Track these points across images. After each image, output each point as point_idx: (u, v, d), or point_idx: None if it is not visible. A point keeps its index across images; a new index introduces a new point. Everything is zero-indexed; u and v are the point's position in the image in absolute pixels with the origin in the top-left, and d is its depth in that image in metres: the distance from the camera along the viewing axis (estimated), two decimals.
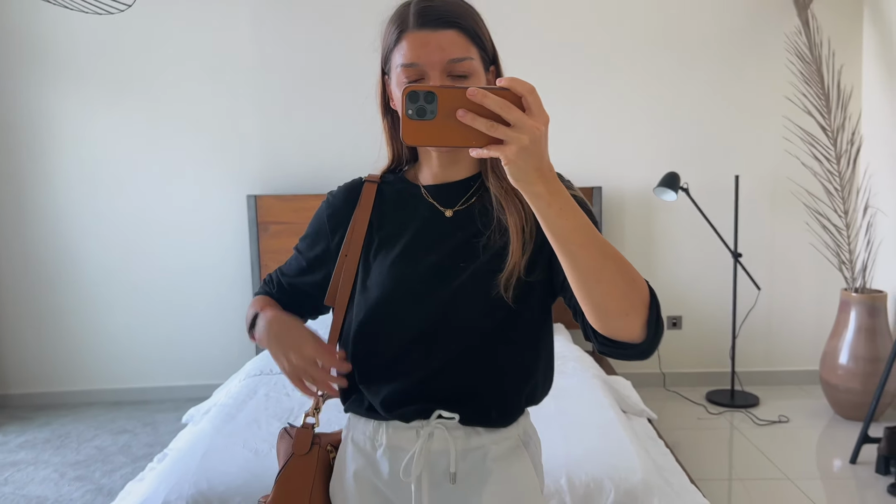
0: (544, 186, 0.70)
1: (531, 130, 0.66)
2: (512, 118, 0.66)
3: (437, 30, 0.90)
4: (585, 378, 2.55)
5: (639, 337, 0.80)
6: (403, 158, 1.09)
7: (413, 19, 0.91)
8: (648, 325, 0.79)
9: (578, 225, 0.73)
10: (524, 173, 0.69)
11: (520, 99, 0.68)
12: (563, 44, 3.48)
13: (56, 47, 3.43)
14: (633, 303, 0.77)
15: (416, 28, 0.91)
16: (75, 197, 3.54)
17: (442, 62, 0.90)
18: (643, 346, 0.81)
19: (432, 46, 0.90)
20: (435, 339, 0.97)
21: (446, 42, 0.90)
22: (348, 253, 1.03)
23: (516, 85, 0.67)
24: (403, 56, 0.91)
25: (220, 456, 1.87)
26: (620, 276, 0.76)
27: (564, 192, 0.72)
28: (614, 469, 1.82)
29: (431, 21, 0.90)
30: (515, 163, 0.68)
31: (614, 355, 0.85)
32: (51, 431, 3.28)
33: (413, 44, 0.90)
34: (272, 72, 3.49)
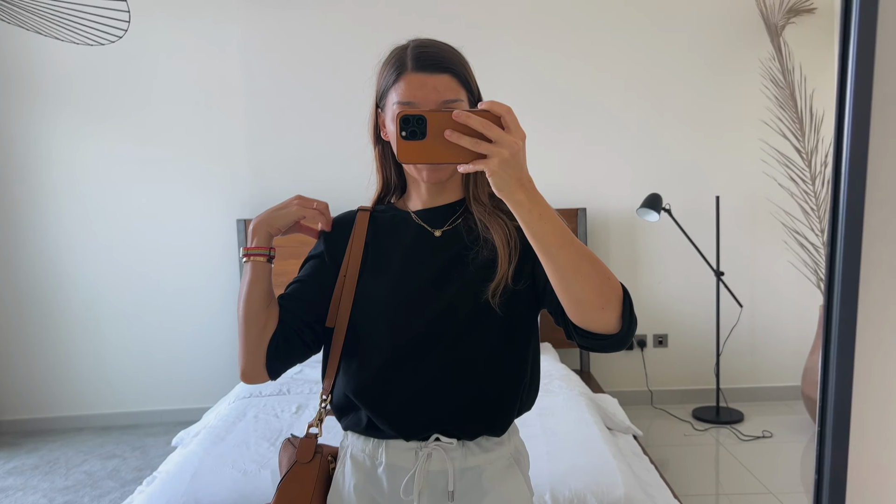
0: (525, 195, 0.80)
1: (510, 145, 0.77)
2: (493, 135, 0.77)
3: (433, 73, 1.00)
4: (571, 396, 2.59)
5: (615, 328, 0.90)
6: (392, 185, 1.17)
7: (411, 63, 1.01)
8: (623, 317, 0.89)
9: (556, 228, 0.83)
10: (506, 183, 0.79)
11: (499, 119, 0.78)
12: (549, 73, 3.57)
13: (48, 76, 3.49)
14: (609, 297, 0.87)
15: (414, 71, 1.00)
16: (65, 222, 3.58)
17: (436, 102, 0.99)
18: (619, 336, 0.91)
19: (428, 88, 1.00)
20: (430, 349, 1.04)
21: (441, 85, 1.00)
22: (346, 275, 1.10)
23: (495, 107, 0.78)
24: (401, 95, 1.00)
25: (209, 477, 1.90)
26: (596, 272, 0.86)
27: (543, 200, 0.82)
28: (597, 485, 1.85)
29: (428, 66, 1.00)
30: (498, 174, 0.78)
31: (594, 347, 0.93)
32: (39, 457, 3.27)
33: (411, 85, 1.00)
34: (261, 98, 3.56)
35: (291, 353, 1.08)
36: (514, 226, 1.05)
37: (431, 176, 1.05)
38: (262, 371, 1.07)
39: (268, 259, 1.07)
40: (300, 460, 1.10)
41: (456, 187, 1.12)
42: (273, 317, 1.06)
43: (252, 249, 1.06)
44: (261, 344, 1.05)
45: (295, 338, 1.08)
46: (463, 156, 0.78)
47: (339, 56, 3.49)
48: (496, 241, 1.04)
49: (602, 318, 0.88)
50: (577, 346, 0.95)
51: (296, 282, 1.14)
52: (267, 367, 1.06)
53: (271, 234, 1.06)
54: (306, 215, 1.06)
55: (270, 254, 1.07)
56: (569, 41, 3.57)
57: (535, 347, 1.12)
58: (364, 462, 1.08)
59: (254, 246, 1.06)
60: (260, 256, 1.06)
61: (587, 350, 0.96)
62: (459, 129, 0.77)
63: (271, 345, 1.06)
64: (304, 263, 1.17)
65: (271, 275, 1.08)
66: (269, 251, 1.07)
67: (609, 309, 0.88)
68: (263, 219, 1.06)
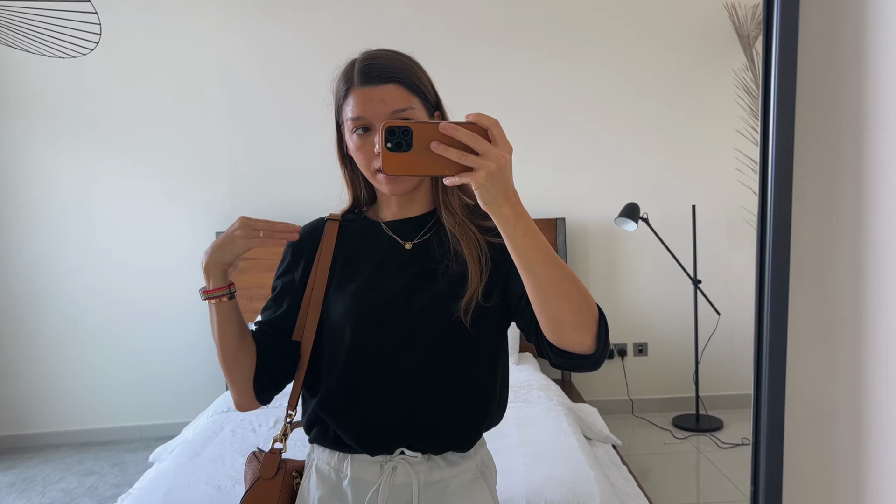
0: (511, 209, 0.79)
1: (497, 158, 0.76)
2: (480, 148, 0.75)
3: (378, 85, 0.99)
4: (550, 406, 2.60)
5: (590, 349, 0.89)
6: (362, 200, 1.16)
7: (357, 77, 1.00)
8: (598, 338, 0.89)
9: (540, 245, 0.82)
10: (493, 197, 0.78)
11: (486, 131, 0.77)
12: (526, 84, 3.60)
13: (22, 89, 3.47)
14: (586, 317, 0.87)
15: (360, 85, 1.00)
16: (42, 238, 3.55)
17: (385, 114, 0.98)
18: (594, 356, 0.90)
19: (375, 101, 0.98)
20: (398, 362, 1.04)
21: (388, 96, 0.99)
22: (314, 287, 1.09)
23: (482, 119, 0.77)
24: (352, 110, 1.00)
25: (182, 493, 1.88)
26: (576, 292, 0.86)
27: (528, 216, 0.81)
28: (573, 495, 1.86)
29: (373, 78, 0.99)
30: (485, 187, 0.77)
31: (568, 366, 0.93)
32: (16, 475, 3.23)
33: (358, 99, 0.99)
34: (239, 110, 3.56)
35: (276, 384, 1.10)
36: (485, 240, 1.05)
37: (394, 188, 1.03)
38: (253, 402, 1.09)
39: (229, 297, 1.03)
40: (263, 476, 1.09)
41: (426, 198, 1.11)
42: (250, 350, 1.07)
43: (212, 292, 1.02)
44: (247, 378, 1.07)
45: (276, 370, 1.09)
46: (449, 168, 0.77)
47: (317, 68, 3.50)
48: (467, 257, 1.03)
49: (578, 337, 0.87)
50: (550, 363, 0.94)
51: (268, 308, 1.14)
52: (257, 399, 1.09)
53: (224, 270, 1.02)
54: (253, 246, 0.99)
55: (230, 291, 1.03)
56: (546, 53, 3.60)
57: (504, 363, 1.11)
58: (329, 475, 1.08)
59: (211, 288, 1.02)
60: (221, 297, 1.03)
61: (560, 368, 0.95)
62: (446, 141, 0.76)
63: (256, 382, 1.07)
64: (276, 280, 1.16)
65: (238, 310, 1.06)
66: (227, 289, 1.03)
67: (585, 329, 0.87)
68: (212, 257, 1.01)
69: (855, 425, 0.73)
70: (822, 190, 0.75)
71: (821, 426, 0.76)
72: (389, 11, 3.53)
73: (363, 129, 1.00)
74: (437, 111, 1.07)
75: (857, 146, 0.73)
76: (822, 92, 0.74)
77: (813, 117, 0.74)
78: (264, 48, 3.54)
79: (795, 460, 0.75)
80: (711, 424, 3.45)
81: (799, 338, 0.75)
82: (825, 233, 0.75)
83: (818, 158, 0.75)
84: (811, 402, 0.76)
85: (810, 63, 0.74)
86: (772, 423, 0.67)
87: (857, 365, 0.73)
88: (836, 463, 0.76)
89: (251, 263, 3.49)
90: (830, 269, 0.75)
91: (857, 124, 0.73)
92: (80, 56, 2.79)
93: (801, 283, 0.74)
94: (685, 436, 3.37)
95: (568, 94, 3.62)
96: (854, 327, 0.73)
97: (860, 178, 0.72)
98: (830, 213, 0.75)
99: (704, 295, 3.52)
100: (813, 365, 0.75)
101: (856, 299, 0.73)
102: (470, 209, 1.09)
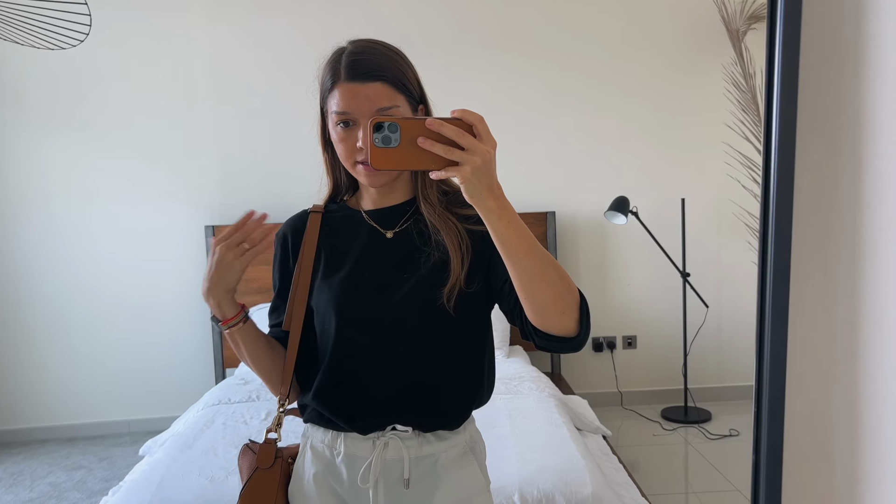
0: (495, 202, 0.81)
1: (483, 153, 0.78)
2: (465, 143, 0.78)
3: (365, 82, 0.99)
4: (541, 398, 2.61)
5: (573, 332, 0.93)
6: (342, 187, 1.18)
7: (344, 71, 1.00)
8: (580, 322, 0.93)
9: (523, 236, 0.85)
10: (478, 190, 0.80)
11: (471, 127, 0.79)
12: (515, 78, 3.60)
13: (9, 83, 3.42)
14: (569, 303, 0.90)
15: (347, 80, 1.00)
16: (30, 231, 3.51)
17: (370, 111, 0.99)
18: (577, 339, 0.94)
19: (361, 98, 0.99)
20: (385, 349, 1.06)
21: (374, 94, 0.99)
22: (300, 277, 1.11)
23: (468, 115, 0.79)
24: (337, 104, 1.01)
25: (175, 484, 1.88)
26: (559, 279, 0.89)
27: (511, 207, 0.83)
28: (565, 484, 1.87)
29: (360, 75, 1.00)
30: (470, 181, 0.79)
31: (552, 349, 0.96)
32: (3, 470, 3.20)
33: (344, 94, 1.00)
34: (228, 103, 3.54)
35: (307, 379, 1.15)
36: (465, 228, 1.07)
37: (372, 181, 1.05)
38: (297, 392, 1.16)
39: (245, 321, 1.06)
40: (261, 466, 1.11)
41: (406, 187, 1.13)
42: (279, 353, 1.13)
43: (230, 321, 1.05)
44: (286, 377, 1.12)
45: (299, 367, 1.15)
46: (435, 163, 0.79)
47: (306, 60, 3.47)
48: (448, 244, 1.05)
49: (561, 322, 0.91)
50: (535, 346, 0.97)
51: (276, 308, 1.18)
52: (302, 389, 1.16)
53: (231, 295, 1.04)
54: (249, 261, 1.01)
55: (245, 314, 1.06)
56: (535, 48, 3.60)
57: (490, 345, 1.14)
58: (323, 452, 1.11)
59: (229, 317, 1.04)
60: (239, 323, 1.05)
61: (544, 350, 0.98)
62: (432, 136, 0.78)
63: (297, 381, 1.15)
64: (274, 276, 1.19)
65: (256, 326, 1.09)
66: (242, 315, 1.06)
67: (568, 314, 0.91)
68: (218, 286, 1.02)
69: (854, 425, 0.74)
70: (822, 190, 0.76)
71: (820, 426, 0.77)
72: (380, 7, 3.52)
73: (346, 123, 1.01)
74: (422, 105, 1.08)
75: (856, 146, 0.74)
76: (823, 93, 0.75)
77: (813, 118, 0.75)
78: (253, 42, 3.51)
79: (795, 460, 0.76)
80: (700, 416, 3.48)
81: (798, 339, 0.76)
82: (825, 233, 0.76)
83: (818, 159, 0.76)
84: (811, 402, 0.77)
85: (812, 65, 0.74)
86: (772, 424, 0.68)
87: (856, 365, 0.74)
88: (834, 463, 0.77)
89: None
90: (830, 270, 0.76)
91: (856, 124, 0.74)
92: (69, 48, 2.76)
93: (801, 284, 0.75)
94: (674, 427, 3.40)
95: (557, 89, 3.63)
96: (853, 327, 0.74)
97: (859, 177, 0.73)
98: (830, 213, 0.76)
99: (693, 288, 3.55)
100: (812, 365, 0.76)
101: (855, 299, 0.74)
102: (448, 197, 1.11)
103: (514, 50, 3.60)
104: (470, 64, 3.56)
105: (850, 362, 0.75)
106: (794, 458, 0.77)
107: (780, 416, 0.69)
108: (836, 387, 0.76)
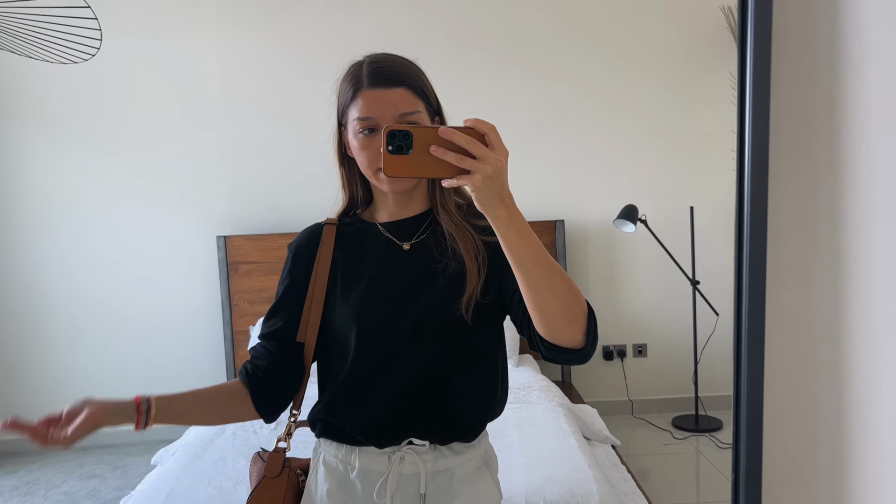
0: (506, 211, 0.82)
1: (494, 162, 0.79)
2: (477, 152, 0.78)
3: (388, 88, 1.01)
4: (550, 407, 2.61)
5: (579, 343, 0.93)
6: (358, 201, 1.18)
7: (367, 79, 1.02)
8: (587, 334, 0.93)
9: (533, 245, 0.85)
10: (489, 199, 0.81)
11: (483, 136, 0.80)
12: (524, 86, 3.62)
13: (22, 95, 3.48)
14: (576, 314, 0.90)
15: (370, 87, 1.02)
16: (43, 241, 3.56)
17: (394, 116, 1.00)
18: (583, 351, 0.94)
19: (385, 103, 1.01)
20: (402, 361, 1.06)
21: (397, 99, 1.01)
22: (314, 291, 1.11)
23: (480, 124, 0.80)
24: (359, 111, 1.02)
25: (184, 495, 1.90)
26: (567, 290, 0.89)
27: (522, 217, 0.84)
28: (572, 494, 1.87)
29: (383, 80, 1.02)
30: (481, 189, 0.80)
31: (558, 360, 0.96)
32: (18, 479, 3.24)
33: (368, 101, 1.01)
34: (239, 114, 3.58)
35: (279, 404, 1.14)
36: (481, 239, 1.07)
37: (394, 186, 1.05)
38: (259, 418, 1.14)
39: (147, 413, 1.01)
40: (269, 474, 1.11)
41: (422, 198, 1.13)
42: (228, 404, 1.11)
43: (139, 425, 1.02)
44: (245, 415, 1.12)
45: (277, 388, 1.12)
46: (447, 171, 0.80)
47: (317, 74, 3.52)
48: (464, 255, 1.06)
49: (568, 333, 0.91)
50: (542, 356, 0.97)
51: (271, 317, 1.15)
52: (265, 420, 1.14)
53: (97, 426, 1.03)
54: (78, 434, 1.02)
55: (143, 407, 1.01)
56: (543, 57, 3.62)
57: (504, 356, 1.15)
58: (337, 468, 1.10)
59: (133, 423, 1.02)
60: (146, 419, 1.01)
61: (551, 361, 0.98)
62: (444, 144, 0.79)
63: (259, 410, 1.11)
64: (279, 285, 1.17)
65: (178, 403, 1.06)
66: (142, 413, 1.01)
67: (576, 325, 0.91)
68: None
69: (835, 424, 0.74)
70: (798, 189, 0.77)
71: (801, 424, 0.78)
72: (388, 19, 3.55)
73: (369, 130, 1.02)
74: (438, 116, 1.09)
75: (832, 145, 0.74)
76: (798, 93, 0.76)
77: (788, 117, 0.76)
78: (264, 54, 3.56)
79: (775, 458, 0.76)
80: (711, 425, 3.46)
81: (778, 337, 0.76)
82: (802, 232, 0.77)
83: (794, 158, 0.76)
84: (791, 401, 0.77)
85: (786, 65, 0.75)
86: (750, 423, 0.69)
87: (837, 363, 0.74)
88: (816, 461, 0.77)
89: (252, 267, 3.51)
90: (809, 268, 0.76)
91: (832, 123, 0.74)
92: (81, 62, 2.81)
93: (780, 283, 0.76)
94: (684, 436, 3.38)
95: (566, 97, 3.64)
96: (833, 325, 0.74)
97: (837, 177, 0.74)
98: (807, 212, 0.77)
99: (703, 296, 3.54)
100: (792, 364, 0.77)
101: (835, 297, 0.74)
102: (464, 209, 1.11)
103: (523, 59, 3.61)
104: (479, 73, 3.58)
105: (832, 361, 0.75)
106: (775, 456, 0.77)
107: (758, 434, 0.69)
108: (817, 386, 0.76)
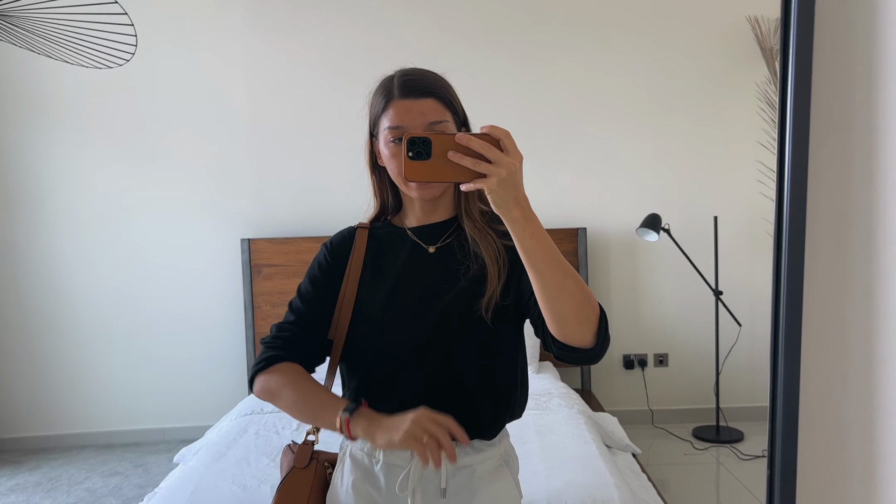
0: (520, 213, 0.86)
1: (508, 166, 0.83)
2: (492, 156, 0.83)
3: (418, 98, 1.07)
4: (570, 414, 2.60)
5: (590, 343, 0.97)
6: (388, 207, 1.24)
7: (398, 91, 1.08)
8: (598, 334, 0.97)
9: (547, 247, 0.89)
10: (504, 201, 0.85)
11: (498, 141, 0.84)
12: (548, 95, 3.63)
13: (52, 99, 3.56)
14: (588, 315, 0.94)
15: (401, 97, 1.08)
16: (69, 242, 3.63)
17: (423, 125, 1.06)
18: (594, 351, 0.98)
19: (415, 112, 1.07)
20: (426, 358, 1.10)
21: (426, 109, 1.07)
22: (346, 289, 1.17)
23: (495, 130, 0.84)
24: (391, 120, 1.08)
25: (209, 493, 1.92)
26: (579, 291, 0.92)
27: (537, 219, 0.88)
28: (593, 500, 1.87)
29: (413, 92, 1.08)
30: (497, 192, 0.84)
31: (569, 359, 0.99)
32: (41, 475, 3.29)
33: (399, 110, 1.07)
34: (265, 118, 3.62)
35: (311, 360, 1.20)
36: (503, 244, 1.11)
37: (423, 193, 1.11)
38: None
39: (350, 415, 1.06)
40: (297, 465, 1.16)
41: (448, 205, 1.19)
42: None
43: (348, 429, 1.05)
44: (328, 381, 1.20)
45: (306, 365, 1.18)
46: (464, 175, 0.84)
47: (342, 80, 3.56)
48: (486, 258, 1.11)
49: (580, 333, 0.94)
50: (555, 357, 1.00)
51: (299, 306, 1.18)
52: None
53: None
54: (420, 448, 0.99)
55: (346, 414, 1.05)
56: (568, 64, 3.63)
57: (523, 357, 1.18)
58: (362, 460, 1.14)
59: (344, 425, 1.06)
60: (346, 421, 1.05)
61: (562, 361, 1.01)
62: (461, 150, 0.83)
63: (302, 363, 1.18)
64: (308, 276, 1.21)
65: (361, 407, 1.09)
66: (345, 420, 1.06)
67: (587, 325, 0.94)
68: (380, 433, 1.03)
69: (869, 429, 0.74)
70: (833, 197, 0.77)
71: (835, 429, 0.78)
72: (413, 23, 3.58)
73: (400, 139, 1.07)
74: (464, 127, 1.15)
75: (870, 153, 0.74)
76: (836, 99, 0.76)
77: (827, 125, 0.76)
78: (289, 62, 3.60)
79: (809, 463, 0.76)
80: (732, 436, 3.43)
81: (813, 342, 0.76)
82: (837, 238, 0.77)
83: (830, 166, 0.76)
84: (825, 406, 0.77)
85: (825, 71, 0.76)
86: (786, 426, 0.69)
87: (871, 369, 0.74)
88: (849, 466, 0.77)
89: (275, 270, 3.54)
90: (843, 275, 0.76)
91: (869, 130, 0.74)
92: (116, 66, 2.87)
93: (815, 289, 0.76)
94: (705, 447, 3.35)
95: (590, 105, 3.65)
96: (867, 331, 0.74)
97: (873, 184, 0.74)
98: (842, 218, 0.77)
99: (726, 306, 3.51)
100: (827, 369, 0.77)
101: (868, 303, 0.74)
102: (488, 216, 1.16)
103: (545, 68, 3.62)
104: (502, 82, 3.60)
105: (867, 372, 0.75)
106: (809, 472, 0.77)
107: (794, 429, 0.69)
108: (850, 391, 0.76)
